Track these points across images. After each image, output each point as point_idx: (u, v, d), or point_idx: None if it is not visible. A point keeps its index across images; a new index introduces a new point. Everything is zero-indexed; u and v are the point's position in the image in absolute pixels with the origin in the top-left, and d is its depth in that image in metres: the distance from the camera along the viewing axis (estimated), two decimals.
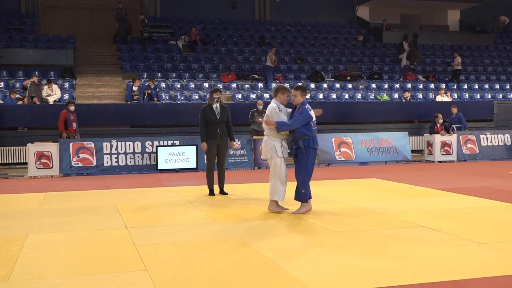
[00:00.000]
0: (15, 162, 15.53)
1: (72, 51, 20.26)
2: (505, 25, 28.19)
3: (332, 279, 4.66)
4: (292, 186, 7.99)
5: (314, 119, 7.77)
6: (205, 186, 9.92)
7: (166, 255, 5.56)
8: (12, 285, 4.63)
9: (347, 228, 6.77)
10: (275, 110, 7.65)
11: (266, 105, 16.78)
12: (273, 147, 7.73)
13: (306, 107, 7.69)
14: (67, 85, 18.70)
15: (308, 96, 19.92)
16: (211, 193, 9.72)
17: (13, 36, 21.04)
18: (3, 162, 15.55)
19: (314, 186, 10.81)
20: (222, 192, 9.83)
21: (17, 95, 17.21)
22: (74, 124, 14.39)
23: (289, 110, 7.88)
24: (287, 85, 20.57)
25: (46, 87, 17.51)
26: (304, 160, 7.73)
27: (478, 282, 4.52)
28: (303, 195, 7.76)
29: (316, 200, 9.05)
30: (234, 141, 10.16)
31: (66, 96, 17.85)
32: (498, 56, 25.89)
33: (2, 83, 18.33)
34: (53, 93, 17.50)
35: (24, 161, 14.43)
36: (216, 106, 9.67)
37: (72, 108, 14.41)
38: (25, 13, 23.11)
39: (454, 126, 17.03)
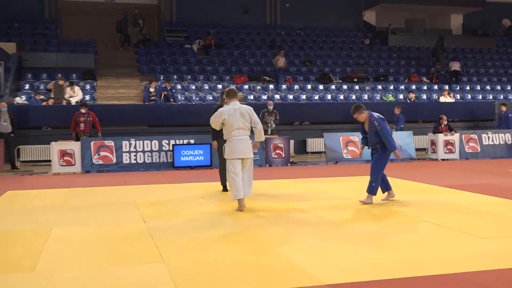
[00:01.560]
0: (39, 159, 15.68)
1: (93, 55, 20.37)
2: (506, 28, 27.98)
3: (339, 270, 4.66)
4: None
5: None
6: (218, 182, 9.94)
7: (182, 247, 5.59)
8: (38, 276, 4.68)
9: (354, 223, 6.77)
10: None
11: (277, 105, 16.92)
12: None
13: (378, 117, 8.20)
14: (88, 87, 18.82)
15: (316, 97, 19.93)
16: (224, 189, 9.73)
17: (37, 40, 21.20)
18: (28, 159, 15.71)
19: (323, 182, 10.86)
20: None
21: (41, 96, 17.35)
22: (82, 125, 14.31)
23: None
24: (296, 87, 20.64)
25: (68, 88, 17.63)
26: (381, 158, 8.12)
27: (479, 275, 4.51)
28: (374, 188, 8.12)
29: (324, 196, 9.08)
30: None
31: (87, 97, 17.98)
32: (499, 59, 25.69)
33: (27, 85, 18.49)
34: (75, 95, 17.61)
35: (48, 159, 14.54)
36: None
37: (82, 110, 14.38)
38: (48, 19, 23.26)
39: (395, 126, 16.79)
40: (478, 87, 22.64)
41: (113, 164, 13.95)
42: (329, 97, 20.07)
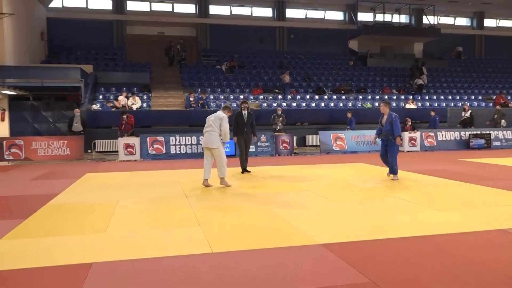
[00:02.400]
0: (109, 150, 15.81)
1: (149, 73, 20.43)
2: (456, 53, 27.56)
3: (330, 233, 4.63)
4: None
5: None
6: (239, 168, 9.94)
7: (214, 215, 5.59)
8: (109, 235, 4.73)
9: (341, 198, 6.71)
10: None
11: (284, 111, 16.82)
12: (219, 140, 7.94)
13: (395, 114, 8.50)
14: (145, 97, 18.87)
15: (313, 105, 19.78)
16: (243, 171, 9.77)
17: (108, 63, 21.32)
18: (101, 150, 15.84)
19: (318, 168, 10.78)
20: (245, 170, 9.83)
21: (111, 104, 17.46)
22: (123, 126, 14.67)
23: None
24: (298, 97, 20.51)
25: (131, 98, 17.73)
26: (394, 148, 8.42)
27: (437, 237, 4.45)
28: (396, 169, 8.46)
29: (319, 177, 9.01)
30: (256, 136, 10.22)
31: (144, 105, 18.06)
32: (451, 76, 25.30)
33: (100, 96, 18.60)
34: (135, 102, 17.71)
35: (116, 150, 14.65)
36: (244, 112, 9.74)
37: (124, 116, 14.73)
38: (116, 47, 23.38)
39: (348, 127, 16.47)
40: (435, 97, 22.33)
41: (163, 154, 14.01)
42: (322, 104, 19.91)
